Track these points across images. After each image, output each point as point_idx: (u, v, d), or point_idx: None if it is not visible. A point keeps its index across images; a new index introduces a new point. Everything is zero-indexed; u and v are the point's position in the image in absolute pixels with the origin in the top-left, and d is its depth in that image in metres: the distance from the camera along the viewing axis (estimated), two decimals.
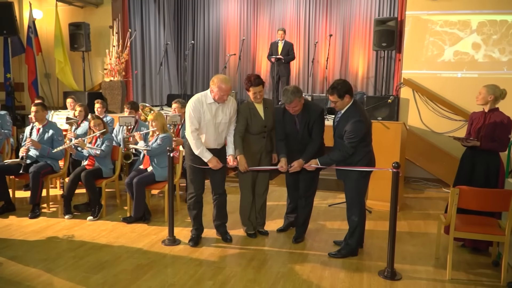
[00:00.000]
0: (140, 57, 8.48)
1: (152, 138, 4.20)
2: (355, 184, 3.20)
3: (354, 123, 3.05)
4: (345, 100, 3.11)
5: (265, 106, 3.50)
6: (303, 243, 3.65)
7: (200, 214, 3.62)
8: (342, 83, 3.12)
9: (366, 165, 3.18)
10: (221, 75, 3.30)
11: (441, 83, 5.79)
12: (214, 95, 3.26)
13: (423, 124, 5.85)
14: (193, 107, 3.27)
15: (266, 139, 3.52)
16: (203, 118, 3.29)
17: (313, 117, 3.40)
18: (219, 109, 3.33)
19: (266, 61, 8.78)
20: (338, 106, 3.16)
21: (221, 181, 3.56)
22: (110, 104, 7.02)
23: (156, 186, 4.12)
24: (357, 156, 3.16)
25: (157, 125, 4.14)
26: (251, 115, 3.47)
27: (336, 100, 3.12)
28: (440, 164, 5.57)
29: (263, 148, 3.50)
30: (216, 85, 3.21)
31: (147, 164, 4.20)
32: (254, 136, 3.51)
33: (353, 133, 3.04)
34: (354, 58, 8.71)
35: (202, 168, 3.41)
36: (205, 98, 3.30)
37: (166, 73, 9.10)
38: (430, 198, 5.24)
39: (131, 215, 4.07)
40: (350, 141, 3.06)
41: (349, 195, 3.26)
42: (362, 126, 3.08)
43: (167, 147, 3.58)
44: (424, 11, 5.79)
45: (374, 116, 5.57)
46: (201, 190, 3.52)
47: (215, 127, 3.34)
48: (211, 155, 3.32)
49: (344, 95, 3.09)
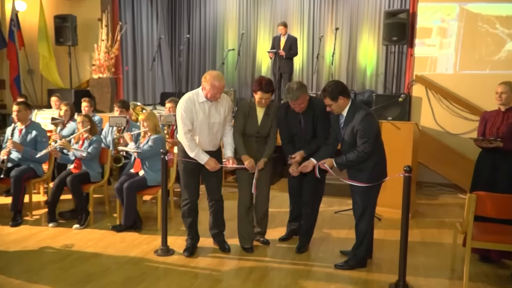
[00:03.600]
0: (131, 52, 8.49)
1: (143, 139, 4.21)
2: (366, 195, 3.19)
3: (364, 119, 3.03)
4: (340, 102, 3.11)
5: (266, 112, 3.51)
6: (307, 254, 3.64)
7: (196, 222, 3.61)
8: (333, 84, 3.13)
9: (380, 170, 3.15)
10: (214, 72, 3.30)
11: (456, 80, 5.81)
12: (206, 93, 3.26)
13: (437, 125, 5.86)
14: (185, 107, 3.28)
15: (258, 144, 3.53)
16: (196, 118, 3.30)
17: (318, 112, 3.41)
18: (213, 108, 3.34)
19: (267, 57, 8.73)
20: (335, 109, 3.16)
21: (217, 186, 3.56)
22: (98, 103, 7.03)
23: (148, 192, 4.12)
24: (371, 161, 3.13)
25: (149, 126, 4.14)
26: (248, 114, 3.49)
27: (330, 103, 3.13)
28: (455, 167, 5.57)
29: (257, 152, 3.51)
30: (208, 83, 3.21)
31: (138, 167, 4.20)
32: (247, 138, 3.52)
33: (366, 130, 3.02)
34: (362, 54, 8.71)
35: (196, 172, 3.42)
36: (197, 96, 3.31)
37: (159, 69, 9.11)
38: (445, 205, 5.24)
39: (121, 223, 4.08)
40: (365, 139, 3.03)
41: (358, 205, 3.24)
42: (373, 120, 3.08)
43: (160, 149, 3.60)
44: (437, 2, 5.82)
45: (384, 116, 5.57)
46: (195, 196, 3.52)
47: (209, 127, 3.35)
48: (208, 156, 3.33)
49: (338, 96, 3.09)
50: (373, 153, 3.11)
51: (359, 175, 3.15)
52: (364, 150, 3.05)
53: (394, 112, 5.61)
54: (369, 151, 3.05)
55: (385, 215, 4.65)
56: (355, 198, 3.27)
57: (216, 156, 3.42)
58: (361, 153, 3.06)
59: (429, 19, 5.86)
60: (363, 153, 3.06)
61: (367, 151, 3.05)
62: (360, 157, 3.07)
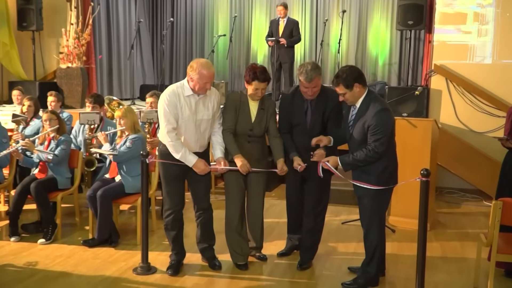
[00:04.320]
0: (106, 38, 8.45)
1: (120, 139, 4.19)
2: (375, 201, 3.18)
3: (378, 114, 3.03)
4: (355, 90, 3.10)
5: (261, 106, 3.51)
6: (310, 271, 3.63)
7: (181, 235, 3.60)
8: (348, 70, 3.13)
9: (389, 175, 3.15)
10: (202, 59, 3.31)
11: (481, 70, 5.81)
12: (193, 85, 3.25)
13: (459, 122, 5.87)
14: (168, 101, 3.27)
15: (251, 145, 3.53)
16: (181, 114, 3.29)
17: (331, 104, 3.40)
18: (200, 103, 3.34)
19: (263, 44, 8.79)
20: (349, 99, 3.15)
21: (205, 193, 3.55)
22: (67, 97, 7.01)
23: (125, 200, 4.11)
24: (380, 164, 3.12)
25: (127, 124, 4.12)
26: (239, 109, 3.48)
27: (344, 91, 3.11)
28: (480, 171, 5.56)
29: (249, 155, 3.49)
30: (196, 72, 3.20)
31: (114, 172, 4.18)
32: (237, 137, 3.51)
33: (380, 126, 3.01)
34: (372, 40, 8.74)
35: (181, 177, 3.42)
36: (182, 89, 3.30)
37: (138, 58, 9.10)
38: (469, 214, 5.25)
39: (94, 237, 4.06)
40: (378, 137, 3.02)
41: (367, 214, 3.25)
42: (389, 115, 3.07)
43: (139, 151, 3.59)
44: None
45: (398, 111, 5.53)
46: (180, 205, 3.51)
47: (195, 125, 3.35)
48: (196, 157, 3.32)
49: (353, 84, 3.08)
50: (385, 154, 3.10)
51: (364, 178, 3.15)
52: (375, 149, 3.03)
53: (410, 107, 5.60)
54: (380, 151, 3.03)
55: (399, 226, 4.65)
56: (362, 204, 3.26)
57: (203, 158, 3.42)
58: (371, 151, 3.04)
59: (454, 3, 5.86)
60: (373, 152, 3.03)
61: (378, 150, 3.03)
62: (370, 156, 3.05)
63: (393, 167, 3.21)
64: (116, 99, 5.55)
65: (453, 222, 4.93)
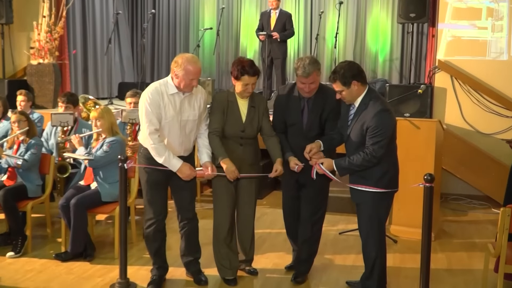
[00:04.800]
0: (81, 32, 8.43)
1: (96, 143, 4.18)
2: (373, 208, 3.18)
3: (378, 115, 3.04)
4: (353, 88, 3.11)
5: (251, 104, 3.51)
6: (306, 285, 3.62)
7: (163, 247, 3.59)
8: (346, 65, 3.14)
9: (389, 181, 3.16)
10: (187, 54, 3.32)
11: (488, 67, 5.79)
12: (178, 82, 3.26)
13: (465, 122, 5.86)
14: (151, 100, 3.27)
15: (244, 148, 3.51)
16: (165, 114, 3.29)
17: (330, 104, 3.42)
18: (185, 102, 3.35)
19: (254, 38, 8.78)
20: (346, 97, 3.16)
21: (190, 201, 3.54)
22: (38, 96, 6.97)
23: (102, 210, 4.09)
24: (379, 168, 3.12)
25: (104, 125, 4.11)
26: (227, 109, 3.47)
27: (341, 88, 3.12)
28: (488, 175, 5.56)
29: (241, 160, 3.49)
30: (181, 67, 3.21)
31: (89, 179, 4.17)
32: (227, 141, 3.50)
33: (380, 128, 3.02)
34: (372, 34, 8.79)
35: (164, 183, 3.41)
36: (166, 87, 3.31)
37: (116, 53, 9.10)
38: (476, 222, 5.27)
39: (67, 250, 4.03)
40: (377, 140, 3.02)
41: (365, 222, 3.24)
42: (390, 117, 3.09)
43: (117, 155, 3.56)
44: None
45: (400, 111, 5.53)
46: (163, 214, 3.50)
47: (180, 126, 3.35)
48: (181, 161, 3.32)
49: (351, 81, 3.09)
50: (385, 158, 3.11)
51: (362, 184, 3.15)
52: (373, 153, 3.03)
53: (412, 107, 5.61)
54: (379, 155, 3.04)
55: (402, 236, 4.65)
56: (359, 212, 3.26)
57: (188, 162, 3.42)
58: (368, 155, 3.04)
59: None
60: (371, 156, 3.04)
61: (377, 154, 3.03)
62: (367, 161, 3.05)
63: (394, 172, 3.21)
64: (92, 98, 5.51)
65: (459, 231, 4.95)
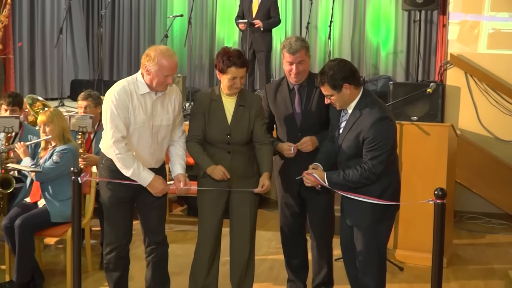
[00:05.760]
0: (27, 21, 8.12)
1: (45, 152, 4.03)
2: (372, 232, 3.05)
3: (377, 124, 2.93)
4: (345, 92, 2.97)
5: (240, 102, 3.35)
6: None
7: (126, 277, 3.46)
8: (336, 65, 2.99)
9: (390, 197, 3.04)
10: (161, 46, 3.22)
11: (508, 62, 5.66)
12: (150, 79, 3.11)
13: (481, 127, 5.70)
14: (117, 102, 3.11)
15: (234, 156, 3.33)
16: (134, 119, 3.15)
17: None
18: (158, 104, 3.21)
19: (233, 27, 8.52)
20: (337, 102, 3.01)
21: (159, 222, 3.41)
22: None
23: (52, 232, 3.99)
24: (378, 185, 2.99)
25: (54, 131, 3.97)
26: (210, 110, 3.33)
27: (330, 93, 2.97)
28: (509, 190, 5.43)
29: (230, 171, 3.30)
30: (154, 62, 3.07)
31: (37, 195, 4.04)
32: (213, 148, 3.34)
33: (379, 140, 2.92)
34: (373, 23, 8.57)
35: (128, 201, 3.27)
36: (135, 86, 3.17)
37: (69, 46, 8.83)
38: (495, 245, 5.11)
39: (13, 279, 3.87)
40: (376, 153, 2.93)
41: (361, 249, 3.11)
42: (390, 126, 2.99)
43: (70, 167, 3.26)
44: None
45: (406, 114, 5.37)
46: (126, 238, 3.37)
47: (152, 133, 3.22)
48: (153, 174, 3.18)
49: (342, 84, 2.95)
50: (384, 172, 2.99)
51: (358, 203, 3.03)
52: (372, 169, 2.92)
53: (421, 109, 5.44)
54: (379, 172, 2.94)
55: (409, 262, 4.51)
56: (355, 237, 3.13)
57: (160, 175, 3.27)
58: (367, 172, 2.94)
59: None
60: (369, 173, 2.94)
61: (376, 171, 2.93)
62: (365, 178, 2.95)
63: (395, 188, 3.12)
64: (40, 99, 5.35)
65: (476, 256, 4.80)
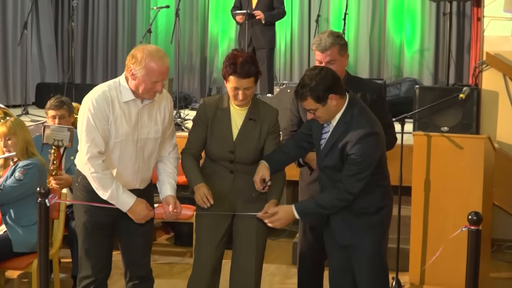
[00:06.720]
0: None
1: (5, 171, 3.94)
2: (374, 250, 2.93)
3: (363, 140, 2.84)
4: (331, 104, 2.86)
5: (251, 115, 3.16)
6: None
7: None
8: (318, 75, 2.86)
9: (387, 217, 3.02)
10: (149, 46, 3.09)
11: None
12: (136, 85, 2.94)
13: None
14: (95, 111, 2.95)
15: (237, 177, 3.14)
16: (115, 131, 2.99)
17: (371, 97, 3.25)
18: (144, 114, 3.05)
19: (229, 20, 8.19)
20: (322, 116, 2.91)
21: (143, 253, 3.26)
22: None
23: (14, 264, 3.83)
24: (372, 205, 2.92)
25: (16, 145, 3.82)
26: (214, 120, 3.14)
27: (315, 107, 2.86)
28: None
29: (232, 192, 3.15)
30: (141, 65, 2.90)
31: None
32: (215, 165, 3.17)
33: (363, 158, 2.85)
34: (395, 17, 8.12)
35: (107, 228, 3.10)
36: (117, 92, 3.01)
37: (34, 43, 8.48)
38: None
39: None
40: (355, 171, 2.85)
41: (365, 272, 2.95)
42: (377, 143, 2.91)
43: (36, 186, 3.09)
44: None
45: (434, 124, 5.16)
46: (105, 271, 3.20)
47: (137, 147, 3.06)
48: (134, 197, 3.02)
49: (327, 95, 2.83)
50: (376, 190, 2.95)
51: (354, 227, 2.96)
52: (349, 189, 2.85)
53: (452, 118, 5.19)
54: (355, 192, 2.87)
55: None
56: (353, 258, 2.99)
57: (144, 198, 3.09)
58: (341, 191, 2.86)
59: None
60: (345, 193, 2.86)
61: (353, 190, 2.85)
62: (340, 199, 2.88)
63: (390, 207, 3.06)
64: (1, 106, 5.07)
65: None
